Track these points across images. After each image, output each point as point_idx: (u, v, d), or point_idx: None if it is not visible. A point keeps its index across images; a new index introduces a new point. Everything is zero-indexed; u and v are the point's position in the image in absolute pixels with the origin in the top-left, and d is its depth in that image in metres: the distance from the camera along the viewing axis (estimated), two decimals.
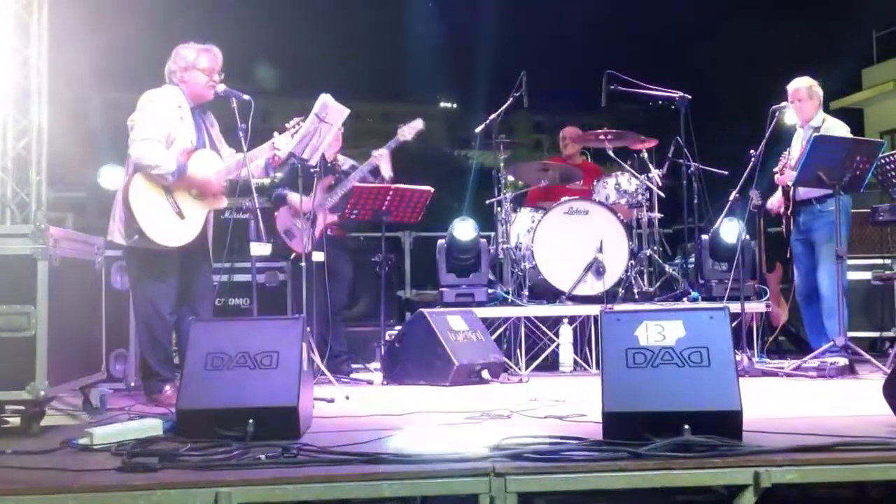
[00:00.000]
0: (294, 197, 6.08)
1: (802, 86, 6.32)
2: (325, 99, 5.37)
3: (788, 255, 6.53)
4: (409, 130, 6.28)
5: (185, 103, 4.96)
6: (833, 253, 5.83)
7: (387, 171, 6.24)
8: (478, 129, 7.48)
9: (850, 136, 6.22)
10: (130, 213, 4.72)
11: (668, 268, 7.28)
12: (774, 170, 6.41)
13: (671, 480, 2.90)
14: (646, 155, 7.17)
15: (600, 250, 6.62)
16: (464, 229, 6.90)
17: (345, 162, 6.37)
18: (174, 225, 4.83)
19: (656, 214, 7.11)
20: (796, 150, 6.37)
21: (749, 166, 6.15)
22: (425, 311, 5.93)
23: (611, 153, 7.23)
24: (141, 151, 4.75)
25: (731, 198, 6.37)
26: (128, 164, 4.90)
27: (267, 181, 5.18)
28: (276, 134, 5.25)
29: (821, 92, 6.38)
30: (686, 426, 3.07)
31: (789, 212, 6.34)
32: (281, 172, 5.57)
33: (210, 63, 5.02)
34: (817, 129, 6.22)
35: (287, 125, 5.33)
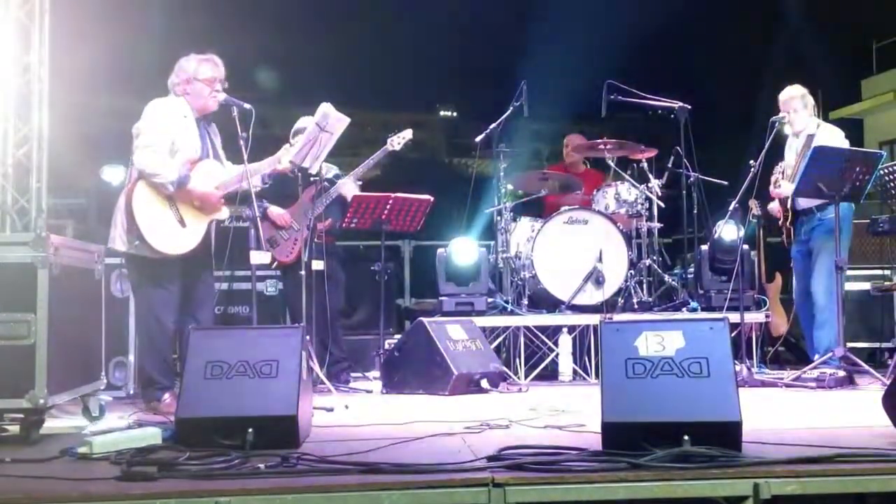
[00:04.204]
0: (275, 210, 6.12)
1: (796, 94, 6.31)
2: (326, 108, 5.38)
3: (791, 265, 6.53)
4: (398, 140, 6.28)
5: (191, 114, 4.97)
6: (830, 262, 5.83)
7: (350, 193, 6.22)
8: (478, 138, 7.50)
9: (846, 142, 6.23)
10: (132, 220, 4.73)
11: (667, 278, 7.29)
12: (772, 180, 6.41)
13: (671, 491, 2.89)
14: (645, 165, 7.18)
15: (600, 260, 6.63)
16: (463, 252, 6.87)
17: (329, 170, 6.34)
18: (175, 233, 4.83)
19: (656, 224, 7.12)
20: (790, 159, 6.38)
21: (748, 177, 6.16)
22: (424, 319, 5.93)
23: (611, 163, 7.24)
24: (144, 159, 4.77)
25: (731, 208, 6.38)
26: (131, 171, 4.91)
27: (259, 189, 5.20)
28: (285, 148, 5.29)
29: (812, 100, 6.38)
30: (685, 437, 3.07)
31: (788, 222, 6.35)
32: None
33: (212, 73, 5.01)
34: (811, 136, 6.22)
35: (291, 142, 5.36)
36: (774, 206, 6.44)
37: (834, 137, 6.20)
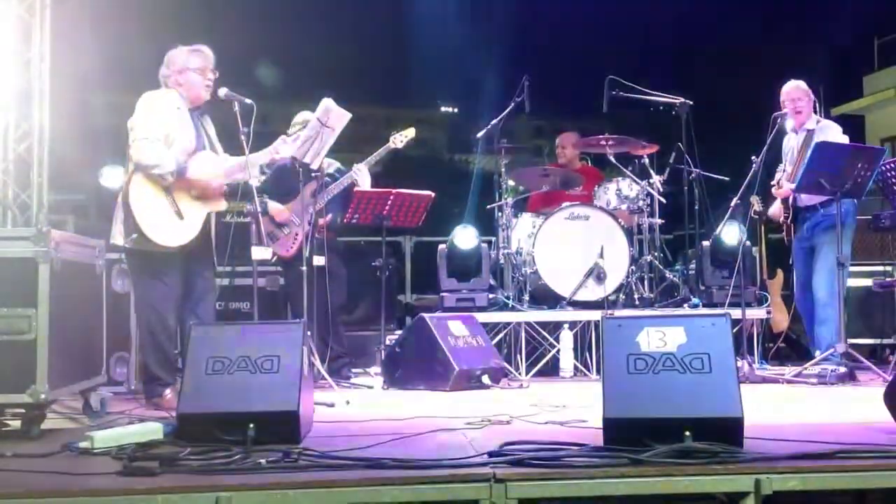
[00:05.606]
0: (274, 206, 6.12)
1: (801, 86, 6.30)
2: (328, 103, 5.39)
3: (791, 262, 6.52)
4: (401, 139, 6.29)
5: (184, 105, 4.97)
6: (832, 258, 5.82)
7: (366, 186, 6.22)
8: (479, 134, 7.49)
9: (845, 138, 6.22)
10: (129, 213, 4.74)
11: (668, 274, 7.28)
12: (772, 182, 6.41)
13: (672, 487, 2.90)
14: (647, 161, 7.16)
15: (601, 256, 6.62)
16: (465, 238, 6.90)
17: (329, 165, 6.34)
18: (173, 225, 4.82)
19: (657, 220, 7.11)
20: (790, 156, 6.38)
21: (750, 173, 6.15)
22: (426, 315, 5.93)
23: (612, 159, 7.22)
24: (141, 151, 4.76)
25: (732, 204, 6.37)
26: (128, 165, 4.91)
27: (258, 183, 5.19)
28: (282, 138, 5.28)
29: (813, 96, 6.39)
30: (687, 432, 3.07)
31: (789, 220, 6.34)
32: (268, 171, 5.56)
33: (202, 63, 5.01)
34: (811, 131, 6.21)
35: (289, 132, 5.36)
36: (776, 209, 6.43)
37: (834, 133, 6.19)
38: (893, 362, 5.93)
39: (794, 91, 6.30)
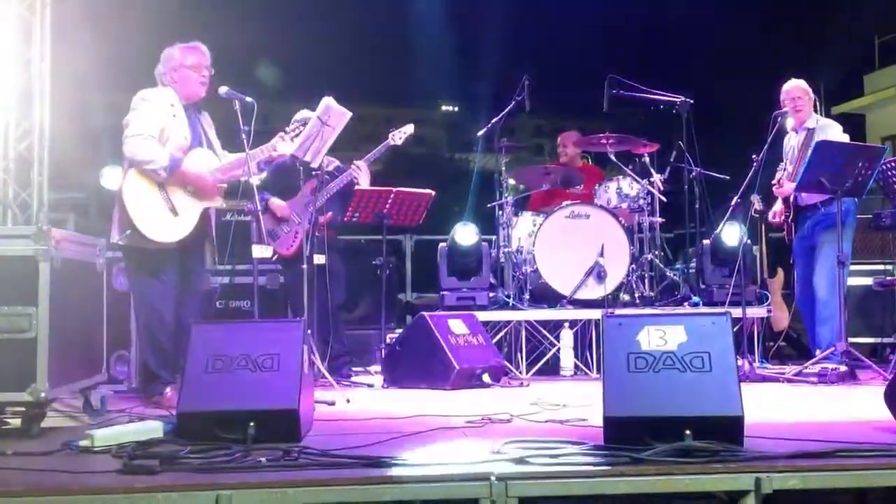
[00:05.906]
0: (276, 202, 6.13)
1: (801, 85, 6.31)
2: (328, 102, 5.39)
3: (792, 261, 6.52)
4: (400, 135, 6.30)
5: (178, 102, 4.98)
6: (832, 257, 5.82)
7: (365, 183, 6.23)
8: (479, 133, 7.49)
9: (845, 136, 6.22)
10: (124, 209, 4.75)
11: (669, 272, 7.28)
12: (773, 182, 6.41)
13: (672, 486, 2.89)
14: (647, 159, 7.16)
15: (601, 254, 6.62)
16: (465, 234, 6.90)
17: (329, 163, 6.34)
18: (166, 220, 4.83)
19: (658, 219, 7.10)
20: (790, 155, 6.38)
21: (751, 171, 6.15)
22: (426, 314, 5.93)
23: (612, 157, 7.22)
24: (134, 147, 4.77)
25: (733, 203, 6.37)
26: (123, 163, 4.93)
27: (257, 181, 5.18)
28: (279, 136, 5.28)
29: (813, 95, 6.39)
30: (687, 431, 3.07)
31: (790, 219, 6.34)
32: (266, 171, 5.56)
33: (197, 60, 5.03)
34: (812, 130, 6.22)
35: (287, 129, 5.37)
36: (776, 211, 6.42)
37: (834, 132, 6.19)
38: (894, 361, 5.92)
39: (795, 90, 6.30)
